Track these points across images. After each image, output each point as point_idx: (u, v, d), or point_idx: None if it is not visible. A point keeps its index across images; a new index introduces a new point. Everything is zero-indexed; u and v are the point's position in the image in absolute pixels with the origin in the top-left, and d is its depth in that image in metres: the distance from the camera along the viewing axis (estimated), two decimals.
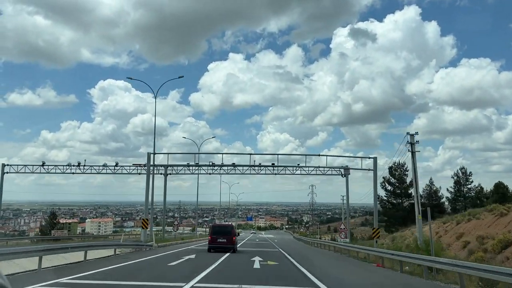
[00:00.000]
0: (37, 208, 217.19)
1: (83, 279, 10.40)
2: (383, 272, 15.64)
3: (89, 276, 10.98)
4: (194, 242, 37.69)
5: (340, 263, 20.17)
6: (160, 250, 24.77)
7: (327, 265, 18.55)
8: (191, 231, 78.22)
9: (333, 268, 17.20)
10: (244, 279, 11.03)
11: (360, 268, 17.23)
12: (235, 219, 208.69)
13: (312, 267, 15.53)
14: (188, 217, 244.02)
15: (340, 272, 15.17)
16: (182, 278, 10.85)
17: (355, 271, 15.92)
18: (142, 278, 10.83)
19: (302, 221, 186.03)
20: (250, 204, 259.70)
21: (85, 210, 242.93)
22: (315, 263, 18.77)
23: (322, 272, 14.17)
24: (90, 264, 14.62)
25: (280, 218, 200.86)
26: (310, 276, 12.43)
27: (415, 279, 13.41)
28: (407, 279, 13.55)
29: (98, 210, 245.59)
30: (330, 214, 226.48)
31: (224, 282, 10.39)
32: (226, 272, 13.20)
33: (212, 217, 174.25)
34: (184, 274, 12.00)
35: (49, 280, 9.77)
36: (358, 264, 19.66)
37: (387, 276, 14.46)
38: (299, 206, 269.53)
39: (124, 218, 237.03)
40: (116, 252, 20.64)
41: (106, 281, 10.11)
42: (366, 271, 15.84)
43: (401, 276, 14.52)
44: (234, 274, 12.58)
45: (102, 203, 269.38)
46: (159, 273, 12.18)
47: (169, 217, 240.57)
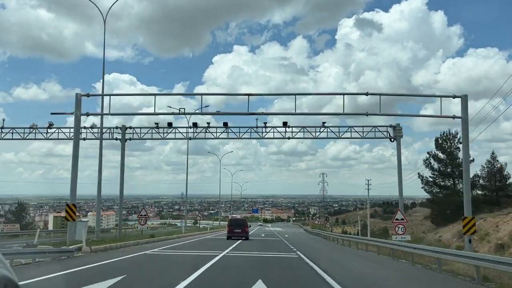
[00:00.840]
0: (43, 202, 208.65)
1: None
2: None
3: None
4: (176, 241, 26.25)
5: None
6: (86, 259, 13.25)
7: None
8: (194, 223, 69.07)
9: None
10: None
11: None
12: (240, 211, 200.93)
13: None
14: (194, 210, 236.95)
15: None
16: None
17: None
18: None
19: (309, 213, 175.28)
20: (255, 197, 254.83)
21: (91, 204, 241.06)
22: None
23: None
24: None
25: (286, 211, 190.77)
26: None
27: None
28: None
29: (104, 204, 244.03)
30: (337, 206, 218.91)
31: None
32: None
33: (217, 210, 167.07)
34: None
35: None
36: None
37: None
38: (305, 199, 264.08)
39: (130, 211, 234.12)
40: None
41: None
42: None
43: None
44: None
45: (110, 196, 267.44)
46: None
47: (175, 210, 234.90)
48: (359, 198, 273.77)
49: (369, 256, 18.83)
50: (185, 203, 42.94)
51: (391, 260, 16.22)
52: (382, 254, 18.29)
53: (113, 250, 18.08)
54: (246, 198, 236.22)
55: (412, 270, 13.19)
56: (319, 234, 44.07)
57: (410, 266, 13.99)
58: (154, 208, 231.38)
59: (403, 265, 14.63)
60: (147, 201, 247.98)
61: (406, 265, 14.33)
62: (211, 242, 25.71)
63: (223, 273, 10.68)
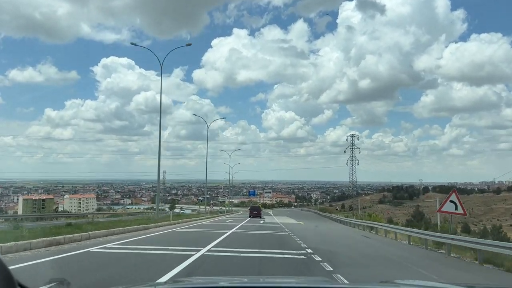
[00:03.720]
0: (40, 186, 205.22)
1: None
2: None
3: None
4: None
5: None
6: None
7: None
8: (170, 208, 58.16)
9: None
10: None
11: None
12: (239, 196, 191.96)
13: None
14: (191, 194, 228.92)
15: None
16: None
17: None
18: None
19: (310, 199, 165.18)
20: (255, 183, 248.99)
21: (88, 188, 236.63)
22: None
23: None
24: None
25: (287, 196, 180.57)
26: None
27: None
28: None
29: (101, 188, 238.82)
30: (338, 192, 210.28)
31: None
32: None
33: (216, 195, 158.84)
34: None
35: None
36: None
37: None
38: (304, 184, 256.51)
39: (125, 196, 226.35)
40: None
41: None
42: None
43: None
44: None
45: (108, 181, 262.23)
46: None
47: (171, 194, 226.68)
48: (359, 185, 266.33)
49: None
50: (158, 186, 32.01)
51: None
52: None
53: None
54: (245, 184, 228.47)
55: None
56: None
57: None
58: (150, 192, 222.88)
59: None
60: (145, 186, 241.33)
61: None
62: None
63: None
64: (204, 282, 2.91)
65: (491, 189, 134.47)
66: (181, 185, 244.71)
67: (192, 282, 3.07)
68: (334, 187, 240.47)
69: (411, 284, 2.55)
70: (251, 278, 4.30)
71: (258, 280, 3.25)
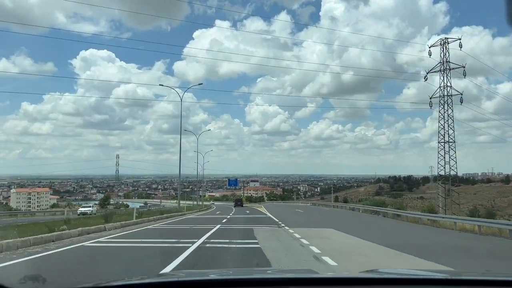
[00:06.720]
0: (16, 182, 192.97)
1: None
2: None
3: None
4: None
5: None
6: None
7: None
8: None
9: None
10: None
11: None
12: (222, 190, 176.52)
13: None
14: (171, 189, 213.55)
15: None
16: None
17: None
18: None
19: (298, 191, 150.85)
20: (239, 176, 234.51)
21: (66, 183, 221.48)
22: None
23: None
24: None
25: (273, 188, 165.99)
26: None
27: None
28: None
29: (80, 183, 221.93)
30: (323, 185, 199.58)
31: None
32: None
33: (197, 189, 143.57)
34: None
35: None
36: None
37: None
38: (289, 178, 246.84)
39: (103, 191, 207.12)
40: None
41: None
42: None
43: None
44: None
45: (89, 176, 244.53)
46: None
47: (151, 189, 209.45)
48: (344, 177, 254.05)
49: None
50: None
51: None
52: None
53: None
54: (228, 177, 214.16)
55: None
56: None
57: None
58: (129, 187, 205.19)
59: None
60: (126, 181, 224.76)
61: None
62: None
63: None
64: (194, 274, 3.09)
65: (492, 180, 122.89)
66: (162, 179, 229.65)
67: (178, 275, 2.95)
68: (319, 180, 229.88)
69: (394, 272, 2.52)
70: (238, 271, 4.19)
71: (247, 273, 3.18)
